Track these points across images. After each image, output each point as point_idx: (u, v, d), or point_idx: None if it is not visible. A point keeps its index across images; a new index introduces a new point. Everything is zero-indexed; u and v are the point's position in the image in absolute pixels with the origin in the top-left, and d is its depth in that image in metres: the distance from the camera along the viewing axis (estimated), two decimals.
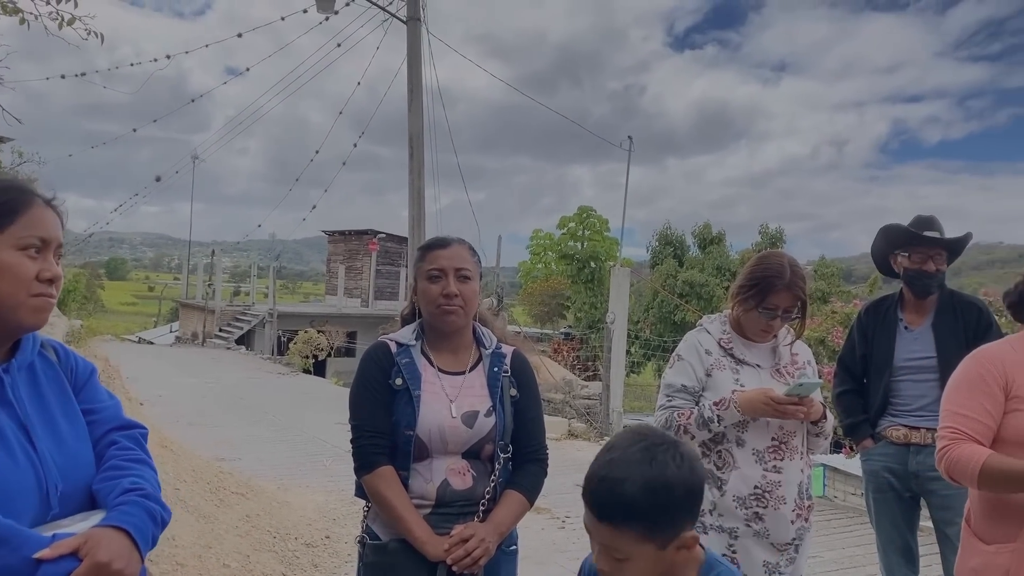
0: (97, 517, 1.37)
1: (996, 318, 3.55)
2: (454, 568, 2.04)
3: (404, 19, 12.98)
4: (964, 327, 3.34)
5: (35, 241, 1.39)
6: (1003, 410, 2.14)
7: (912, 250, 3.42)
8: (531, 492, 2.24)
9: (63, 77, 14.72)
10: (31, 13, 4.06)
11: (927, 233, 3.41)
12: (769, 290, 2.60)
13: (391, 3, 13.23)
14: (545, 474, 2.31)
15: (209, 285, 27.20)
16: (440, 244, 2.28)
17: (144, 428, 1.57)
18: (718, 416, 2.55)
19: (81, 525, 1.32)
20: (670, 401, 2.67)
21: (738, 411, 2.53)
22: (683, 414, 2.61)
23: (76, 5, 4.02)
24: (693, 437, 2.58)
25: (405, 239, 16.49)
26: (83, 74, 14.43)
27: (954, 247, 3.45)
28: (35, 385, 1.42)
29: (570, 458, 8.98)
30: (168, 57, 15.41)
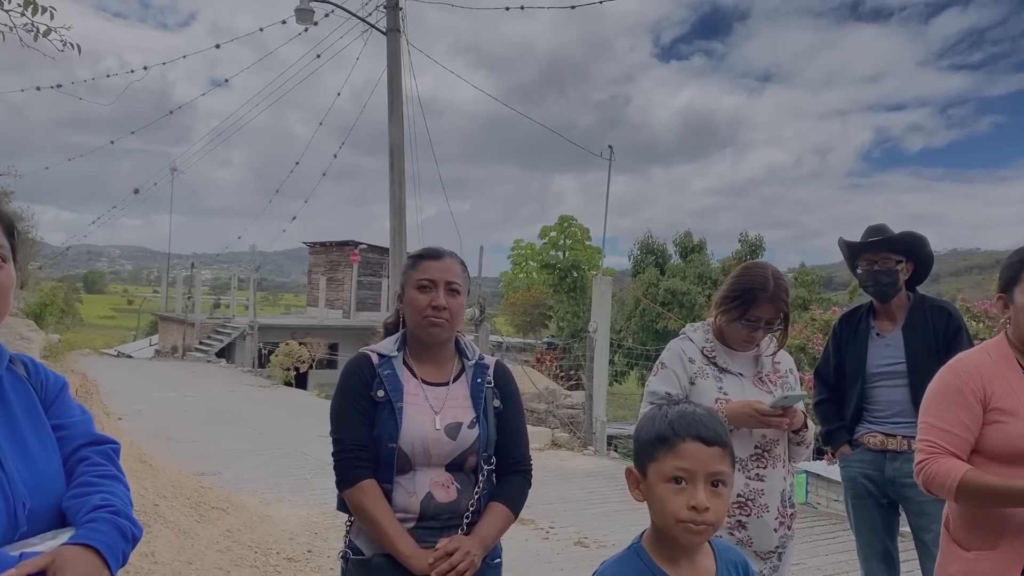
0: (66, 535, 1.34)
1: (972, 323, 3.59)
2: None
3: (384, 31, 13.00)
4: (934, 331, 3.37)
5: None
6: (981, 422, 2.13)
7: (861, 258, 3.51)
8: (516, 504, 2.23)
9: (39, 89, 14.64)
10: (5, 25, 4.03)
11: (871, 240, 3.47)
12: (752, 302, 2.62)
13: (371, 15, 13.25)
14: (529, 485, 2.30)
15: (189, 298, 27.00)
16: (432, 255, 2.27)
17: (116, 443, 1.54)
18: None
19: (50, 544, 1.30)
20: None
21: (724, 420, 2.53)
22: None
23: (52, 17, 3.99)
24: None
25: (387, 250, 16.44)
26: (59, 86, 14.34)
27: (903, 246, 3.47)
28: (2, 401, 1.40)
29: (554, 468, 8.98)
30: (145, 68, 15.39)
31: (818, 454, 8.01)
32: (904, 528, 3.49)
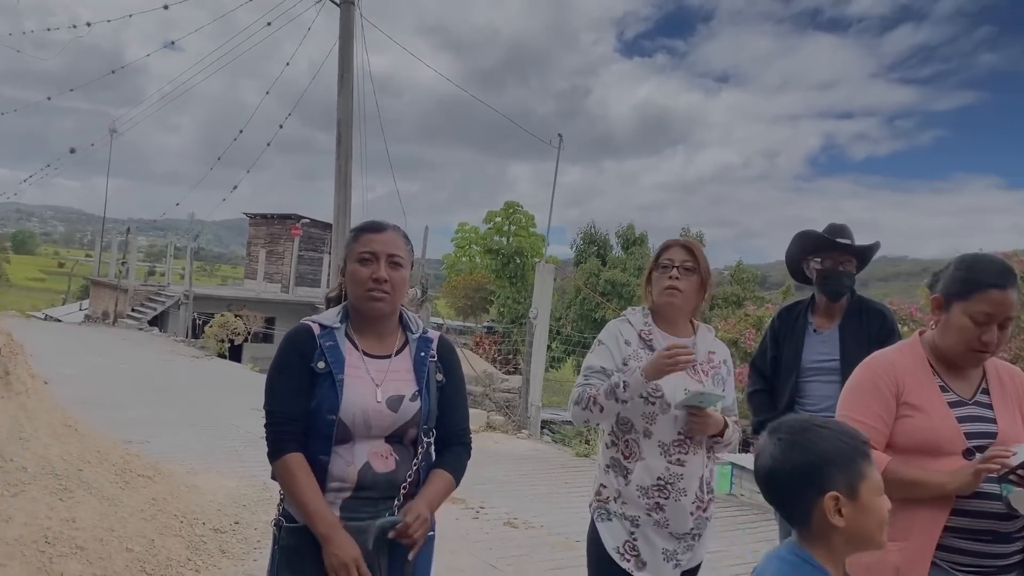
0: None
1: (899, 327, 3.73)
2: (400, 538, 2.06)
3: (337, 2, 12.80)
4: (868, 332, 3.50)
5: None
6: (894, 415, 2.22)
7: (824, 255, 3.60)
8: (457, 472, 2.27)
9: None
10: None
11: (840, 240, 3.59)
12: (664, 250, 2.81)
13: None
14: (469, 456, 2.34)
15: (123, 263, 26.24)
16: (374, 228, 2.26)
17: None
18: (624, 382, 2.59)
19: None
20: (586, 380, 2.73)
21: (642, 375, 2.58)
22: (594, 387, 2.68)
23: None
24: (603, 409, 2.63)
25: (330, 226, 16.27)
26: None
27: (864, 254, 3.63)
28: None
29: (488, 450, 9.03)
30: (88, 24, 14.91)
31: (745, 446, 8.22)
32: None
